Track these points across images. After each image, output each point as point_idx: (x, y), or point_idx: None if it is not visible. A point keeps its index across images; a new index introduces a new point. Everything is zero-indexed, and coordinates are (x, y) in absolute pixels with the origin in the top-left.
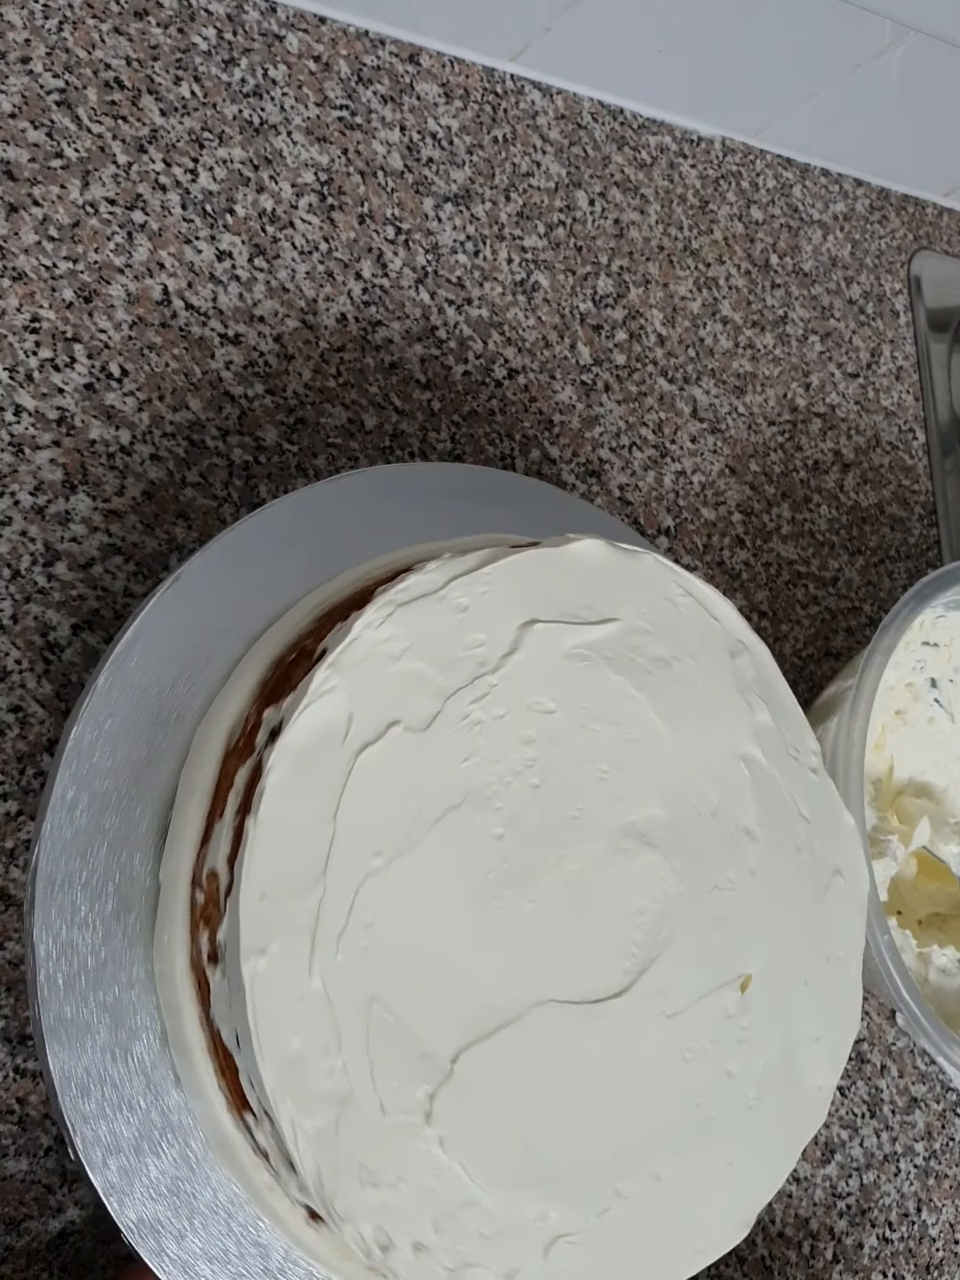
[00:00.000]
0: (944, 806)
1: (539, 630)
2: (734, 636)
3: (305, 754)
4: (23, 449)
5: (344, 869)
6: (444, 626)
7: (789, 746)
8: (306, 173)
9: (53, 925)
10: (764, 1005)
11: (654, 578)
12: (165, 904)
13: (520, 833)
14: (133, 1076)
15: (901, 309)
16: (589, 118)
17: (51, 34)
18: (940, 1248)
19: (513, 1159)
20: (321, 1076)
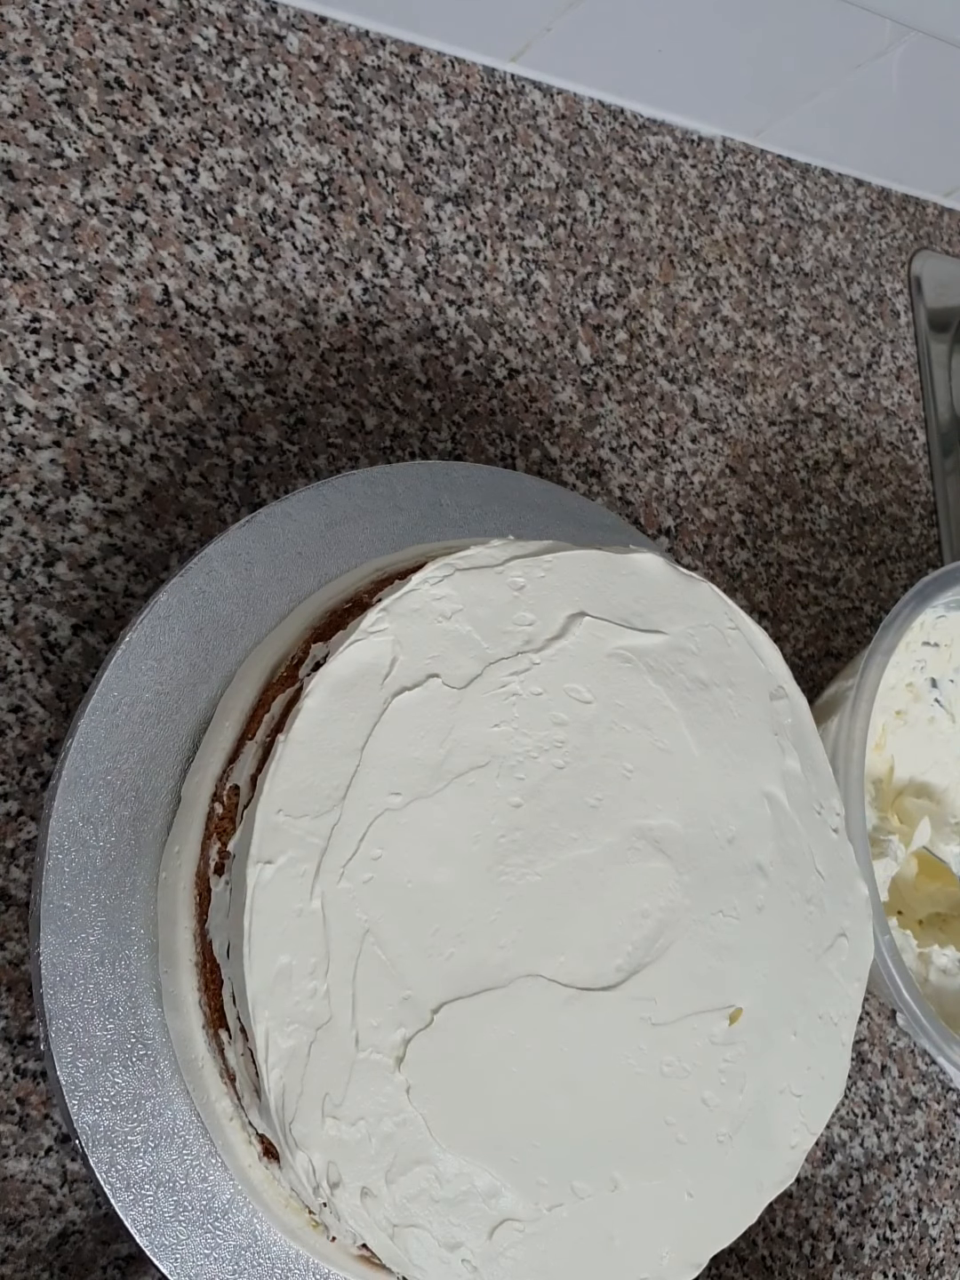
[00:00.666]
0: (944, 806)
1: (587, 624)
2: (776, 680)
3: (344, 686)
4: (23, 449)
5: (362, 800)
6: (498, 599)
7: (814, 800)
8: (307, 173)
9: (70, 817)
10: (750, 1043)
11: (707, 605)
12: (182, 816)
13: (538, 806)
14: (117, 982)
15: (902, 309)
16: (589, 118)
17: (52, 34)
18: (941, 1248)
19: (475, 1126)
20: (304, 997)
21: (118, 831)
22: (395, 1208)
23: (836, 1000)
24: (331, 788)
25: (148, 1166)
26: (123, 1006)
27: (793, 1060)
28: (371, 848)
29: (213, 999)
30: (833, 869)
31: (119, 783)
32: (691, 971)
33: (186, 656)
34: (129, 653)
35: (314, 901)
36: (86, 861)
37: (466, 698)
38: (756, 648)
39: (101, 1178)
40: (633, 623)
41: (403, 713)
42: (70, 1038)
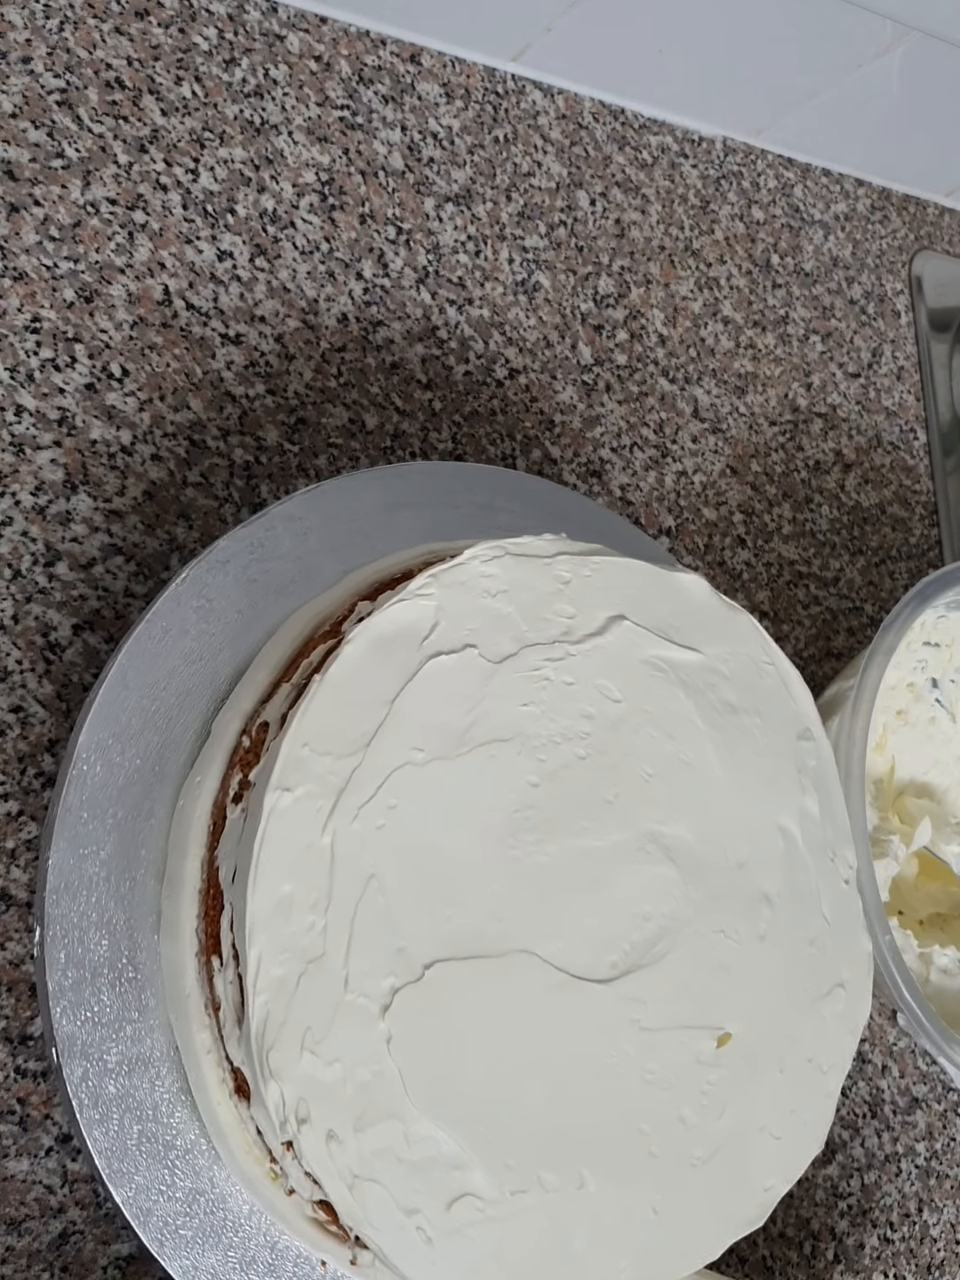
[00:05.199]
0: (945, 806)
1: (626, 627)
2: (805, 722)
3: (384, 641)
4: (24, 449)
5: (385, 750)
6: (542, 588)
7: (828, 846)
8: (307, 172)
9: (100, 732)
10: (735, 1072)
11: (744, 635)
12: (209, 748)
13: (555, 790)
14: (119, 902)
15: (903, 309)
16: (590, 118)
17: (52, 34)
18: (941, 1248)
19: (450, 1091)
20: (300, 929)
21: (143, 755)
22: (359, 1159)
23: (828, 1048)
24: (359, 733)
25: (118, 1090)
26: (121, 926)
27: (777, 1099)
28: (388, 796)
29: (210, 925)
30: (839, 917)
31: (152, 709)
32: (686, 984)
33: (234, 603)
34: (180, 589)
35: (325, 837)
36: (109, 779)
37: (499, 673)
38: (789, 685)
39: (71, 1090)
40: (670, 636)
41: (436, 676)
42: (64, 946)
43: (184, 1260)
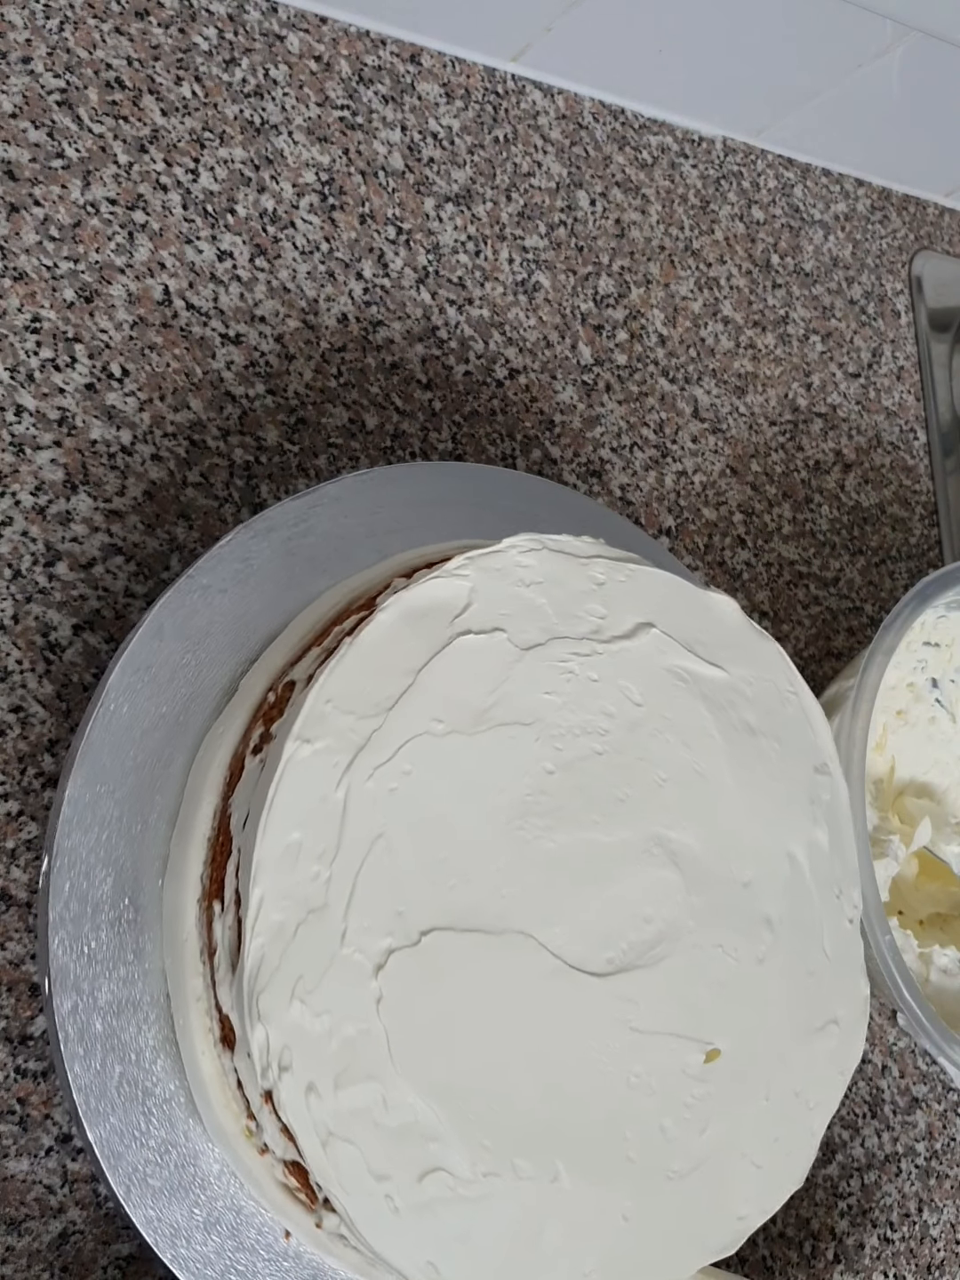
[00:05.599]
0: (945, 806)
1: (654, 635)
2: (823, 755)
3: (417, 614)
4: (24, 449)
5: (406, 716)
6: (576, 586)
7: (835, 883)
8: (308, 173)
9: (131, 676)
10: (721, 1090)
11: (770, 662)
12: (235, 703)
13: (568, 780)
14: (130, 843)
15: (903, 309)
16: (590, 118)
17: (52, 34)
18: (941, 1248)
19: (433, 1061)
20: (305, 878)
21: (169, 704)
22: (335, 1116)
23: (816, 1084)
24: (382, 696)
25: (105, 1029)
26: (127, 867)
27: (760, 1126)
28: (404, 762)
29: (216, 871)
30: (840, 955)
31: (183, 661)
32: (680, 993)
33: (274, 570)
34: (224, 549)
35: (339, 792)
36: (133, 722)
37: (526, 659)
38: (810, 717)
39: (58, 1022)
40: (696, 650)
41: (463, 653)
42: (70, 878)
43: (149, 1211)
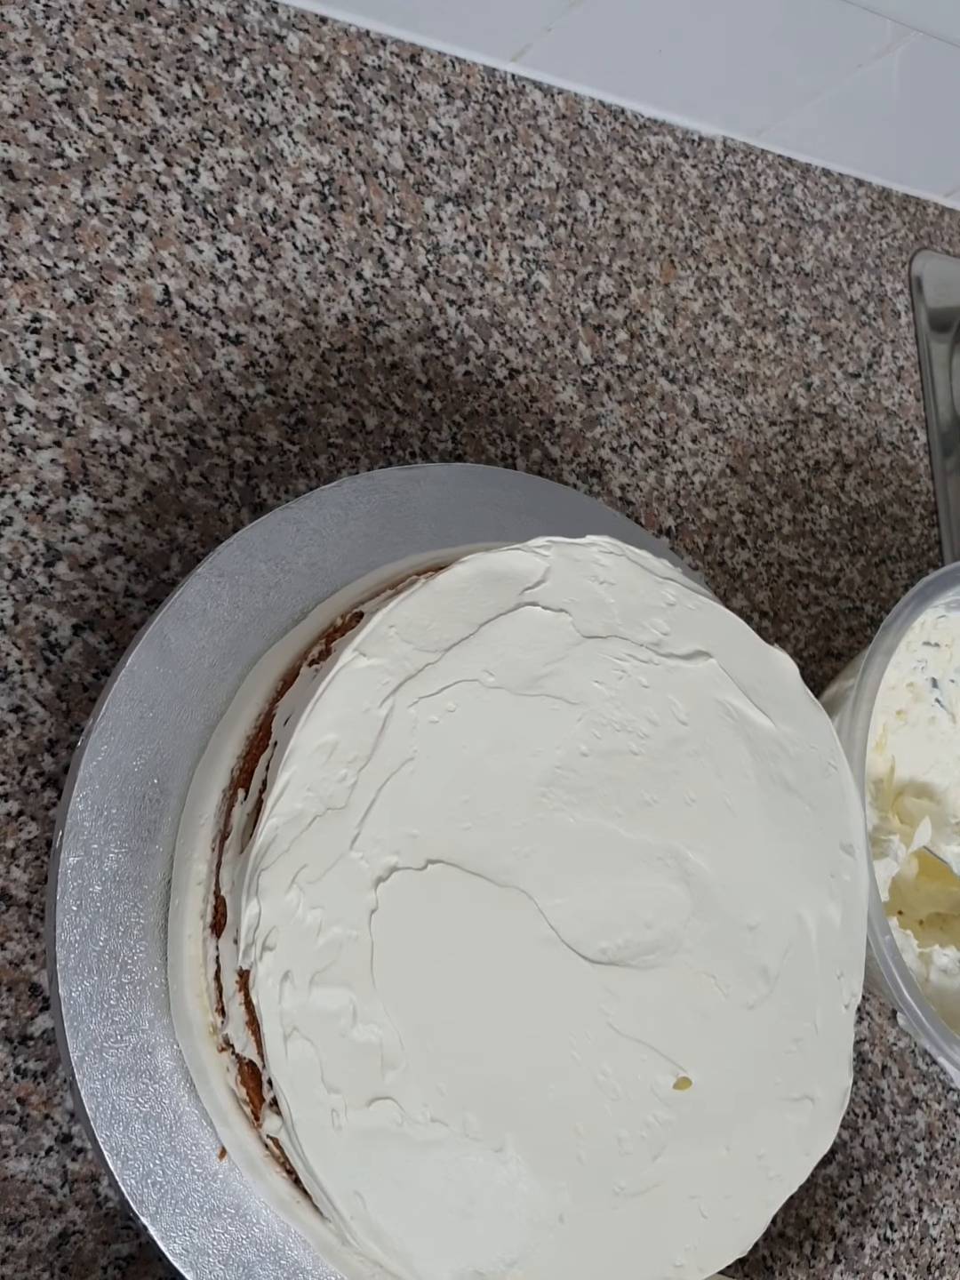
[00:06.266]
0: (945, 806)
1: (711, 665)
2: (851, 838)
3: (493, 576)
4: (24, 449)
5: (461, 659)
6: (647, 599)
7: (838, 964)
8: (308, 173)
9: (213, 578)
10: (683, 1122)
11: (819, 732)
12: (304, 626)
13: (601, 767)
14: (172, 729)
15: (903, 309)
16: (590, 118)
17: (53, 34)
18: (941, 1248)
19: (412, 988)
20: (333, 776)
21: (243, 611)
22: (303, 1012)
23: (780, 1156)
24: (442, 637)
25: (103, 893)
26: (164, 749)
27: (715, 1175)
28: (449, 700)
29: (248, 763)
30: (829, 1035)
31: (263, 580)
32: (664, 1008)
33: (365, 526)
34: (324, 494)
35: (382, 709)
36: (205, 616)
37: (585, 646)
38: (847, 795)
39: (60, 874)
40: (749, 693)
41: (527, 621)
42: (107, 743)
43: (97, 1083)
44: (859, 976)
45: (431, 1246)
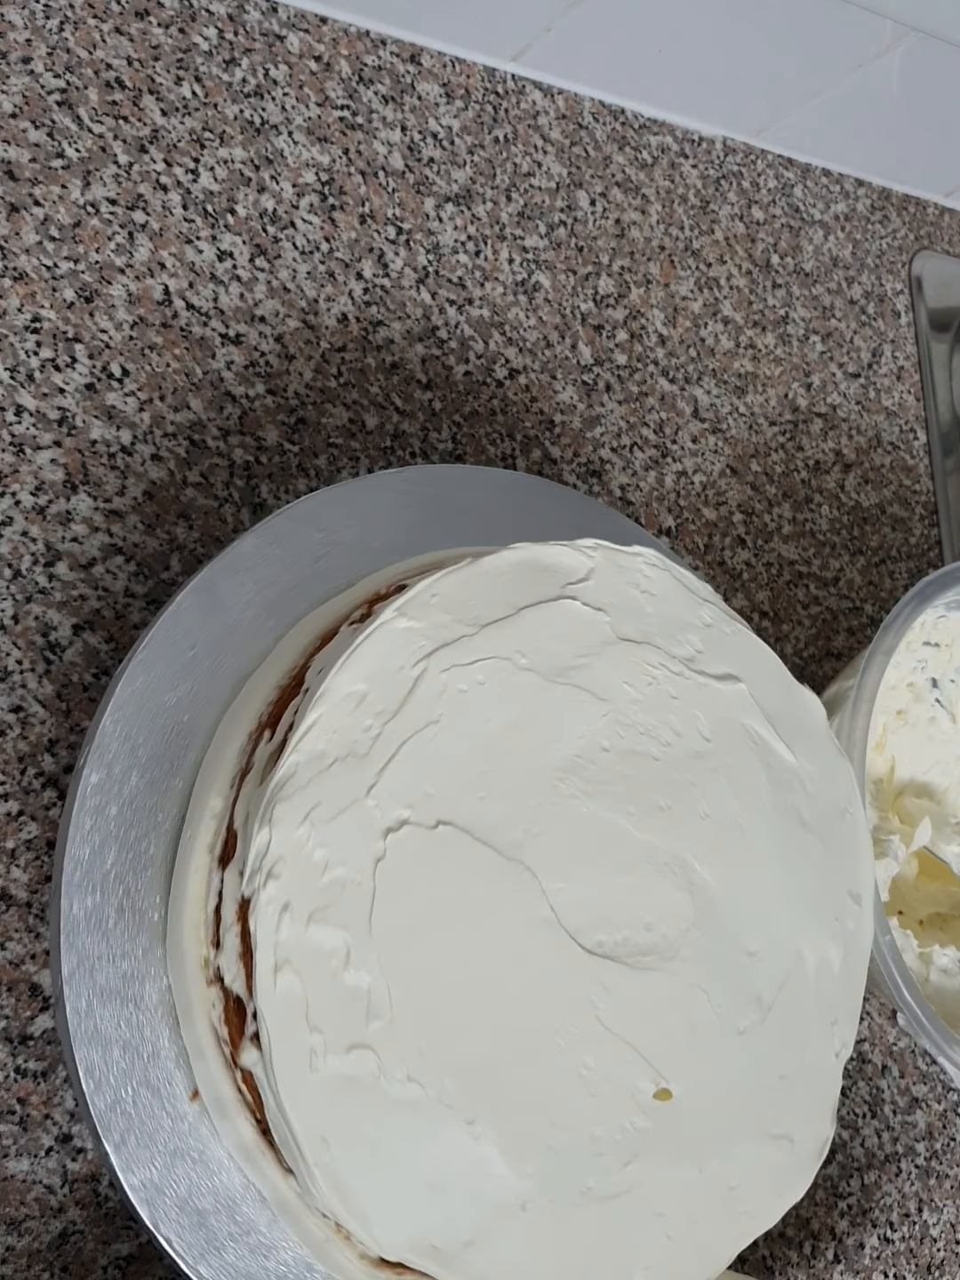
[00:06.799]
0: (945, 806)
1: (740, 689)
2: (860, 887)
3: (538, 566)
4: (24, 449)
5: (495, 640)
6: (685, 615)
7: (834, 1010)
8: (308, 173)
9: (265, 540)
10: (659, 1134)
11: (840, 779)
12: (348, 594)
13: (619, 765)
14: (206, 673)
15: (903, 309)
16: (590, 118)
17: (53, 34)
18: (941, 1248)
19: (407, 943)
20: (360, 725)
21: (292, 575)
22: (297, 946)
23: (752, 1192)
24: (480, 614)
25: (118, 817)
26: (196, 690)
27: (684, 1197)
28: (480, 673)
29: (278, 708)
30: (815, 1079)
31: (314, 549)
32: (654, 1012)
33: (421, 517)
34: (367, 481)
35: (414, 669)
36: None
37: (619, 647)
38: (860, 844)
39: (80, 789)
40: (774, 723)
41: (565, 613)
42: (144, 675)
43: (83, 1001)
44: (853, 1029)
45: (391, 1211)
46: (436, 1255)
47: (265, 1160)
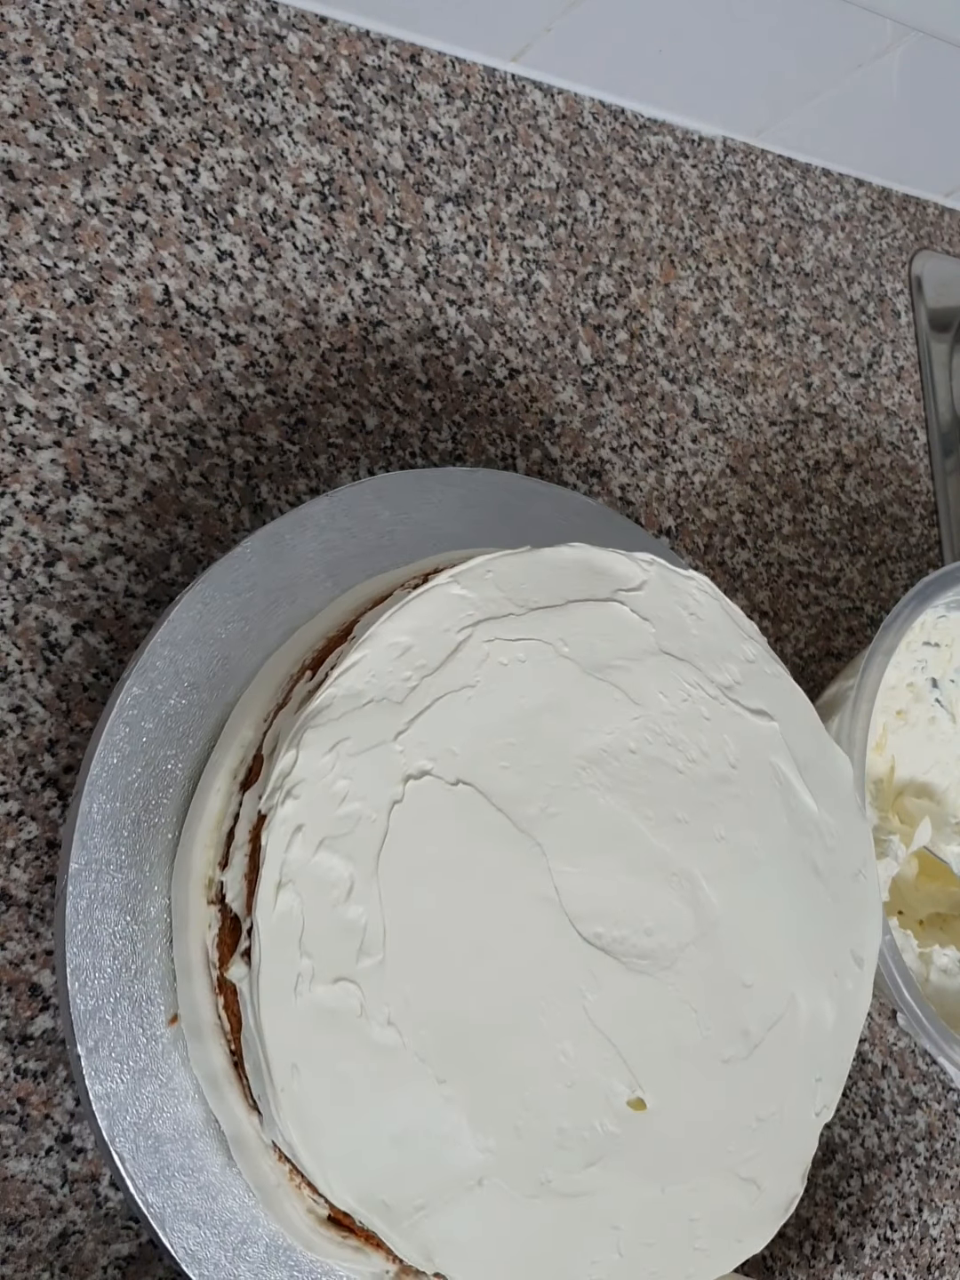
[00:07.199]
0: (945, 806)
1: (773, 728)
2: (864, 951)
3: (593, 569)
4: (24, 449)
5: (538, 626)
6: (730, 646)
7: (820, 1067)
8: (308, 173)
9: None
10: (626, 1143)
11: (858, 837)
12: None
13: (643, 770)
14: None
15: (903, 309)
16: (590, 118)
17: (53, 34)
18: (941, 1248)
19: (410, 888)
20: (399, 675)
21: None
22: (302, 870)
23: (713, 1231)
24: (531, 598)
25: (148, 736)
26: (232, 643)
27: (641, 1216)
28: (522, 651)
29: (322, 654)
30: (792, 1132)
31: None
32: (643, 1019)
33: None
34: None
35: (460, 634)
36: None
37: (660, 659)
38: (870, 908)
39: (119, 702)
40: (801, 770)
41: (612, 615)
42: (192, 616)
43: (83, 901)
44: (837, 1091)
45: (349, 1155)
46: (386, 1213)
47: (231, 1092)
